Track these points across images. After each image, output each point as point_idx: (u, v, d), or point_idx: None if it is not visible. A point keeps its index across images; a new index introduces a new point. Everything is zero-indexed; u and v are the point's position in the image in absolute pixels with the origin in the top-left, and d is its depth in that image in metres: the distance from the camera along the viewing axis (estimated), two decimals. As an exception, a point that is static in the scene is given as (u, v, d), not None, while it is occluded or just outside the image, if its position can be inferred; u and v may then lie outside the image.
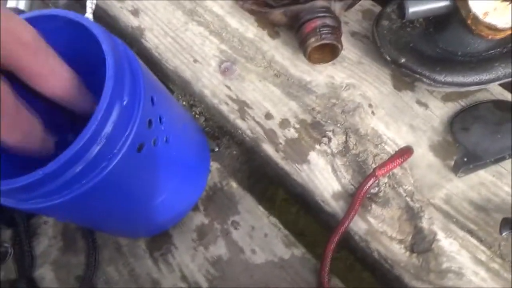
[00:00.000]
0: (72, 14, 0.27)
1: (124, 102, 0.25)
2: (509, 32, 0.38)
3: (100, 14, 0.51)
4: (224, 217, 0.39)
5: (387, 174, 0.37)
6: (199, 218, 0.39)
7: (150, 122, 0.28)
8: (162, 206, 0.35)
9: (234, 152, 0.45)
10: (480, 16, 0.38)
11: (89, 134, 0.23)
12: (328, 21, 0.40)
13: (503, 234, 0.34)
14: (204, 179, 0.40)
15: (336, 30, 0.40)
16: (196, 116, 0.46)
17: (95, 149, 0.24)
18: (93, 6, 0.49)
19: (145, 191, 0.32)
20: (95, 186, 0.25)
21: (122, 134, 0.26)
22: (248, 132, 0.42)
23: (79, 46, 0.28)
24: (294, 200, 0.42)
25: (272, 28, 0.46)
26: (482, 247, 0.34)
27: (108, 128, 0.24)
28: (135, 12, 0.50)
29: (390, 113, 0.40)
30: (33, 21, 0.26)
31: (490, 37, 0.38)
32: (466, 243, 0.35)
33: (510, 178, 0.36)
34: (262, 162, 0.42)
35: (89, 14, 0.48)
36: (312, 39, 0.40)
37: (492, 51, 0.39)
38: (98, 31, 0.26)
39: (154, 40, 0.48)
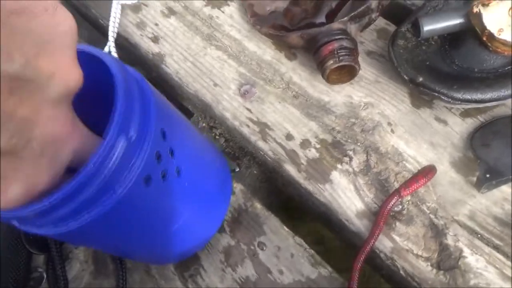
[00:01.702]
0: (87, 47, 0.28)
1: (131, 136, 0.25)
2: (523, 49, 0.38)
3: (121, 42, 0.53)
4: (250, 238, 0.40)
5: (411, 191, 0.38)
6: (226, 240, 0.40)
7: (159, 155, 0.28)
8: (180, 235, 0.35)
9: (255, 172, 0.46)
10: (495, 33, 0.38)
11: (92, 167, 0.23)
12: (345, 43, 0.41)
13: (530, 249, 0.34)
14: (226, 203, 0.41)
15: (353, 52, 0.41)
16: (216, 137, 0.47)
17: (99, 181, 0.24)
18: (115, 35, 0.51)
19: (157, 220, 0.32)
20: (98, 219, 0.25)
21: (127, 167, 0.25)
22: (270, 153, 0.43)
23: (95, 77, 0.29)
24: (317, 220, 0.43)
25: (289, 50, 0.48)
26: (509, 263, 0.35)
27: (113, 162, 0.24)
28: (155, 39, 0.51)
29: (409, 131, 0.41)
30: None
31: (506, 53, 0.39)
32: (492, 259, 0.35)
33: (533, 192, 0.36)
34: (284, 182, 0.43)
35: (111, 43, 0.50)
36: (331, 61, 0.41)
37: (508, 67, 0.40)
38: (111, 63, 0.26)
39: (174, 65, 0.49)
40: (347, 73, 0.43)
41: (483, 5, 0.39)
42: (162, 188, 0.29)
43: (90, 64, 0.27)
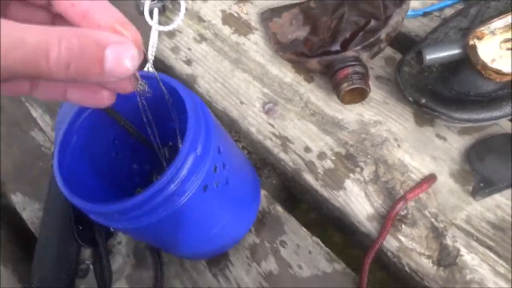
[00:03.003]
0: (166, 77, 0.34)
1: (198, 153, 0.31)
2: (513, 76, 0.44)
3: (158, 65, 0.59)
4: (273, 237, 0.45)
5: (414, 199, 0.43)
6: (252, 238, 0.45)
7: (215, 167, 0.34)
8: (219, 234, 0.41)
9: (274, 182, 0.51)
10: (488, 62, 0.44)
11: (169, 176, 0.30)
12: (358, 69, 0.47)
13: (518, 249, 0.39)
14: (256, 208, 0.46)
15: (365, 76, 0.48)
16: (240, 150, 0.53)
17: (172, 188, 0.30)
18: (153, 58, 0.57)
19: (205, 221, 0.38)
20: (168, 216, 0.31)
21: (193, 177, 0.31)
22: (291, 163, 0.49)
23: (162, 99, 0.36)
24: (330, 222, 0.48)
25: (307, 74, 0.54)
26: (501, 261, 0.40)
27: (184, 172, 0.30)
28: (188, 62, 0.58)
29: (413, 146, 0.47)
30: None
31: (497, 80, 0.45)
32: (486, 257, 0.40)
33: (522, 200, 0.42)
34: (302, 189, 0.49)
35: (150, 64, 0.56)
36: (345, 84, 0.47)
37: (500, 91, 0.46)
38: (184, 92, 0.33)
39: (205, 85, 0.56)
40: (359, 94, 0.49)
41: (478, 38, 0.45)
42: (214, 195, 0.35)
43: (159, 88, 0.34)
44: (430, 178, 0.42)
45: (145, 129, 0.39)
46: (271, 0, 0.60)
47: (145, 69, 0.56)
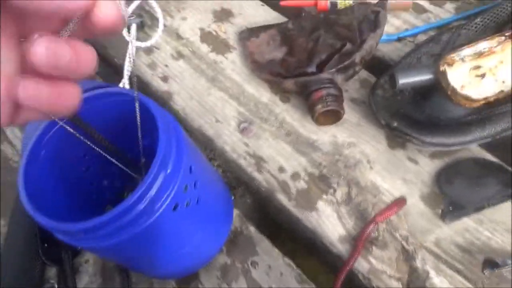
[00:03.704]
0: (139, 95, 0.34)
1: (168, 171, 0.31)
2: (482, 102, 0.45)
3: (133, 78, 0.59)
4: (244, 258, 0.45)
5: (385, 221, 0.44)
6: (223, 259, 0.45)
7: (186, 187, 0.34)
8: (189, 254, 0.40)
9: (248, 201, 0.51)
10: (458, 88, 0.46)
11: (138, 195, 0.29)
12: (332, 91, 0.48)
13: (485, 272, 0.40)
14: (228, 228, 0.46)
15: (338, 98, 0.48)
16: (215, 168, 0.52)
17: (140, 207, 0.30)
18: (129, 73, 0.57)
19: (174, 241, 0.37)
20: (137, 235, 0.31)
21: (162, 196, 0.31)
22: (264, 183, 0.48)
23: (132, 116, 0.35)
24: (303, 243, 0.48)
25: (283, 94, 0.54)
26: (468, 284, 0.40)
27: (152, 191, 0.30)
28: (165, 79, 0.58)
29: (386, 168, 0.47)
30: (108, 95, 0.34)
31: (467, 105, 0.46)
32: (454, 281, 0.40)
33: (489, 224, 0.43)
34: (275, 210, 0.48)
35: (125, 80, 0.56)
36: (319, 106, 0.47)
37: (469, 117, 0.47)
38: (156, 111, 0.33)
39: (181, 102, 0.56)
40: (333, 116, 0.49)
41: (448, 64, 0.47)
42: (184, 214, 0.35)
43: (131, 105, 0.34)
44: (400, 201, 0.42)
45: (117, 144, 0.38)
46: (249, 20, 0.61)
47: (120, 84, 0.56)
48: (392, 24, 0.58)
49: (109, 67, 0.63)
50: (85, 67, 0.22)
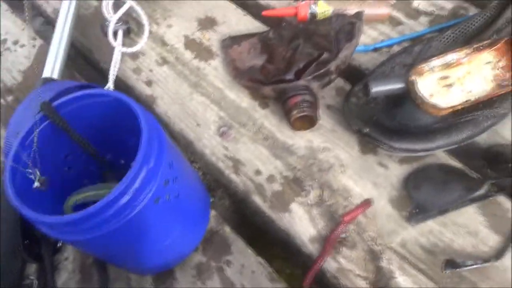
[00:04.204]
0: (119, 95, 0.36)
1: (150, 166, 0.33)
2: (449, 110, 0.48)
3: (119, 84, 0.61)
4: (219, 257, 0.46)
5: (354, 222, 0.46)
6: (198, 257, 0.46)
7: (167, 181, 0.36)
8: (168, 248, 0.42)
9: (226, 203, 0.53)
10: (427, 97, 0.48)
11: (123, 187, 0.31)
12: (308, 97, 0.50)
13: (446, 272, 0.42)
14: (205, 226, 0.48)
15: (314, 105, 0.50)
16: (195, 170, 0.54)
17: (125, 198, 0.32)
18: (114, 77, 0.59)
19: (155, 234, 0.39)
20: (120, 227, 0.33)
21: (145, 189, 0.33)
22: (241, 185, 0.50)
23: (118, 117, 0.37)
24: (277, 243, 0.50)
25: (262, 100, 0.56)
26: (431, 284, 0.42)
27: (137, 184, 0.32)
28: (149, 83, 0.60)
29: (357, 172, 0.49)
30: (91, 96, 0.36)
31: (434, 113, 0.48)
32: (418, 280, 0.42)
33: (452, 227, 0.45)
34: (251, 211, 0.50)
35: (110, 84, 0.58)
36: (295, 111, 0.50)
37: (436, 125, 0.49)
38: (138, 110, 0.35)
39: (164, 106, 0.57)
40: (309, 122, 0.51)
41: (418, 74, 0.49)
42: (165, 207, 0.37)
43: (117, 106, 0.36)
44: (366, 203, 0.44)
45: (98, 146, 0.40)
46: (232, 28, 0.63)
47: (106, 87, 0.58)
48: (369, 35, 0.61)
49: (95, 70, 0.65)
50: None
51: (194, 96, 0.58)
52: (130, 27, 0.63)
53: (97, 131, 0.42)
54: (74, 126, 0.39)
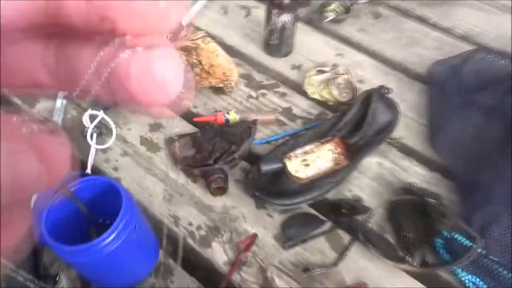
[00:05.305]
0: (106, 179, 0.63)
1: (127, 218, 0.60)
2: (307, 180, 0.79)
3: (93, 170, 0.87)
4: (165, 279, 0.71)
5: (251, 250, 0.73)
6: (151, 280, 0.71)
7: (136, 226, 0.63)
8: (130, 271, 0.67)
9: (170, 244, 0.79)
10: (293, 172, 0.80)
11: (113, 230, 0.58)
12: (221, 175, 0.80)
13: (303, 275, 0.70)
14: (156, 259, 0.73)
15: (225, 180, 0.80)
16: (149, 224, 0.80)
17: (112, 235, 0.58)
18: (91, 165, 0.85)
19: (126, 261, 0.65)
20: (108, 253, 0.59)
21: (124, 232, 0.60)
22: (179, 233, 0.77)
23: (104, 196, 0.64)
24: (204, 269, 0.75)
25: (193, 178, 0.85)
26: (295, 284, 0.70)
27: (120, 227, 0.59)
28: (115, 169, 0.87)
29: (254, 221, 0.78)
30: (92, 180, 0.63)
31: (299, 182, 0.79)
32: (288, 282, 0.70)
33: (310, 249, 0.74)
34: (187, 249, 0.76)
35: (89, 170, 0.84)
36: (213, 184, 0.79)
37: (301, 188, 0.80)
38: (123, 192, 0.62)
39: (126, 184, 0.84)
40: (223, 190, 0.81)
41: (288, 158, 0.81)
42: (133, 244, 0.62)
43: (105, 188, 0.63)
44: (253, 237, 0.73)
45: (92, 211, 0.66)
46: (174, 129, 0.93)
47: (86, 172, 0.84)
48: (263, 132, 0.93)
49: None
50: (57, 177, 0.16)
51: (147, 177, 0.86)
52: (102, 131, 0.92)
53: (92, 202, 0.68)
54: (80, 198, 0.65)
